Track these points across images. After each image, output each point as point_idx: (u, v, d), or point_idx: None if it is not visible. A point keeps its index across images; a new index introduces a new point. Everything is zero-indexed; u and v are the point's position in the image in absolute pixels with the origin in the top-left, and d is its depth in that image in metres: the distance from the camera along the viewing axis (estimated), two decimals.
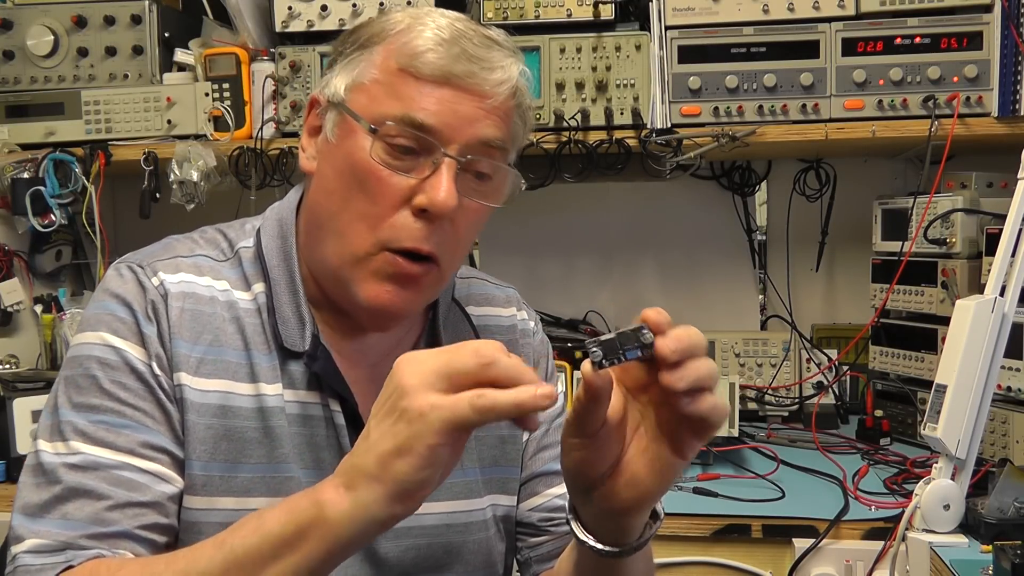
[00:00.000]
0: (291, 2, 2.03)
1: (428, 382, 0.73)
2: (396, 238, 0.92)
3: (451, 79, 0.91)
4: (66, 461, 0.89)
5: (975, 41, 1.86)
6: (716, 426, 0.77)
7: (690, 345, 0.75)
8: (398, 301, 0.94)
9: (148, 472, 0.90)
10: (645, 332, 0.74)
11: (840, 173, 2.30)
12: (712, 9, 1.95)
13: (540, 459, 1.12)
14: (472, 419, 0.71)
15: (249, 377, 0.95)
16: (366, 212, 0.93)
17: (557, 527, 1.11)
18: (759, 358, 2.19)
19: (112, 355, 0.92)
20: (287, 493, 0.93)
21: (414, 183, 0.92)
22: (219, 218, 1.14)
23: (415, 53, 0.92)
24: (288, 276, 0.99)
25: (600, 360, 0.74)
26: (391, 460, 0.73)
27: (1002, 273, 1.41)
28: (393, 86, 0.93)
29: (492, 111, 0.93)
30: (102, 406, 0.90)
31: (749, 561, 1.56)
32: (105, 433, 0.90)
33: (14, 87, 2.14)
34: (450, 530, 1.03)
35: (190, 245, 1.01)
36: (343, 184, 0.94)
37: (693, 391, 0.75)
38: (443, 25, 0.93)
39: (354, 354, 1.02)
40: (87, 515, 0.87)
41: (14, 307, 2.14)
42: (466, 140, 0.92)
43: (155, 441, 0.91)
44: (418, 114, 0.91)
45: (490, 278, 1.18)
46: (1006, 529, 1.38)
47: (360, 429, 0.98)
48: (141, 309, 0.93)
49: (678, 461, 0.79)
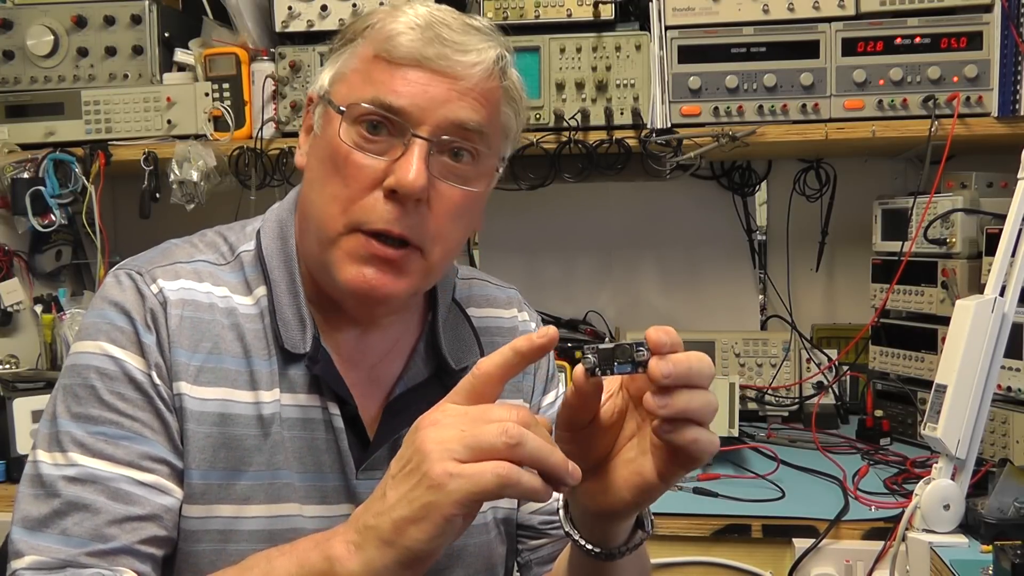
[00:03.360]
0: (291, 2, 2.03)
1: (450, 450, 0.71)
2: (367, 219, 0.91)
3: (423, 62, 0.91)
4: (65, 474, 0.88)
5: (975, 41, 1.86)
6: (699, 460, 0.76)
7: (688, 373, 0.73)
8: (379, 284, 0.92)
9: (146, 484, 0.90)
10: (641, 350, 0.74)
11: (840, 173, 2.30)
12: (712, 9, 1.95)
13: None
14: (494, 492, 0.70)
15: (248, 385, 0.95)
16: (338, 194, 0.92)
17: (557, 530, 1.10)
18: (759, 358, 2.19)
19: (111, 365, 0.91)
20: (283, 500, 0.94)
21: (385, 165, 0.91)
22: (219, 218, 1.14)
23: (388, 37, 0.92)
24: (288, 277, 0.99)
25: (592, 367, 0.74)
26: (405, 526, 0.72)
27: (1002, 273, 1.41)
28: (368, 72, 0.93)
29: (466, 93, 0.92)
30: (101, 417, 0.90)
31: (749, 561, 1.56)
32: (104, 445, 0.89)
33: (14, 87, 2.14)
34: None
35: (189, 250, 1.00)
36: (323, 171, 0.95)
37: (676, 420, 0.73)
38: (420, 12, 0.93)
39: (354, 354, 1.01)
40: (86, 531, 0.87)
41: (14, 307, 2.14)
42: (437, 121, 0.91)
43: (154, 452, 0.90)
44: (388, 96, 0.91)
45: (492, 279, 1.18)
46: (1006, 529, 1.38)
47: (359, 431, 0.98)
48: (140, 318, 0.92)
49: (656, 483, 0.79)
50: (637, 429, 0.81)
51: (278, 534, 0.93)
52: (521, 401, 1.11)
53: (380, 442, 0.99)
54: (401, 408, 1.01)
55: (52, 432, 0.91)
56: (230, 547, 0.92)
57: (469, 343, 1.07)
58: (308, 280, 1.00)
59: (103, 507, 0.87)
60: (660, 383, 0.73)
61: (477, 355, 1.06)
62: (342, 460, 0.97)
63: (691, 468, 0.78)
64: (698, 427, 0.74)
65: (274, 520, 0.94)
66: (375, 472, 0.98)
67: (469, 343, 1.07)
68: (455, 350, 1.05)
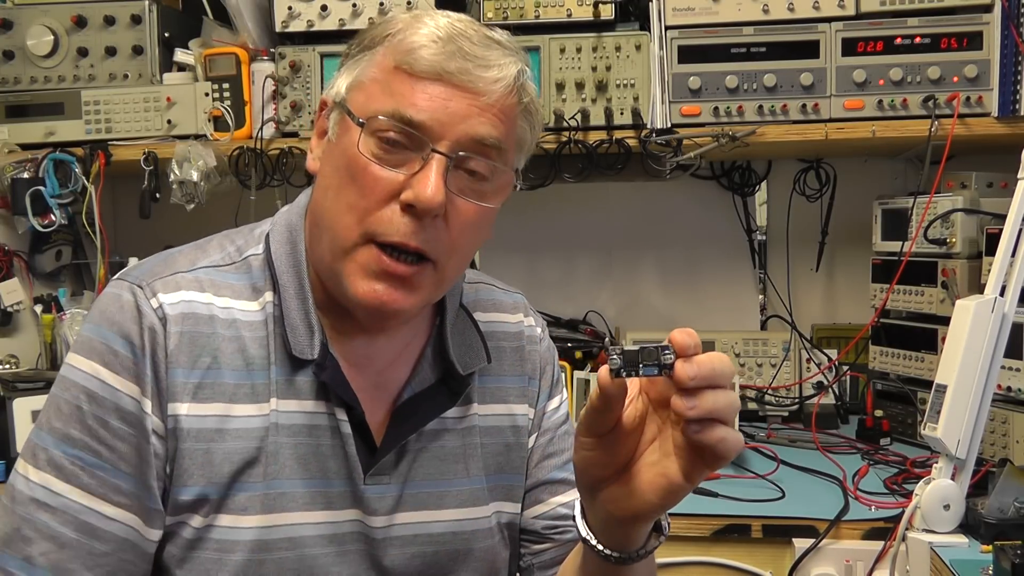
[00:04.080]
0: (291, 2, 2.03)
1: None
2: (383, 231, 0.91)
3: (444, 76, 0.90)
4: (35, 496, 0.90)
5: (975, 41, 1.86)
6: (726, 458, 0.76)
7: (712, 374, 0.74)
8: (389, 300, 0.92)
9: (113, 519, 0.90)
10: (667, 353, 0.74)
11: (840, 173, 2.30)
12: (712, 9, 1.95)
13: (545, 467, 1.12)
14: None
15: (248, 398, 0.94)
16: (354, 204, 0.92)
17: (560, 535, 1.10)
18: (759, 358, 2.19)
19: (101, 391, 0.91)
20: (278, 510, 0.94)
21: (403, 178, 0.90)
22: (219, 218, 1.13)
23: (410, 50, 0.91)
24: (297, 282, 0.98)
25: (618, 369, 0.75)
26: None
27: (1002, 273, 1.41)
28: (388, 83, 0.92)
29: (486, 109, 0.92)
30: (80, 440, 0.90)
31: (749, 561, 1.56)
32: (79, 471, 0.90)
33: (14, 87, 2.14)
34: (456, 538, 1.03)
35: (192, 255, 0.99)
36: (338, 179, 0.94)
37: (703, 420, 0.74)
38: (441, 24, 0.92)
39: (361, 360, 1.01)
40: (51, 562, 0.88)
41: (14, 307, 2.14)
42: (457, 137, 0.91)
43: (125, 486, 0.91)
44: (408, 110, 0.90)
45: (498, 283, 1.17)
46: (1006, 529, 1.38)
47: (366, 437, 0.98)
48: (139, 341, 0.91)
49: (683, 484, 0.79)
50: (658, 432, 0.81)
51: (273, 544, 0.94)
52: (527, 407, 1.11)
53: (387, 447, 0.99)
54: (408, 413, 1.01)
55: (34, 444, 0.92)
56: (226, 556, 0.93)
57: (476, 348, 1.07)
58: (317, 286, 0.99)
59: (69, 541, 0.89)
60: (686, 385, 0.74)
61: (484, 360, 1.06)
62: (349, 466, 0.97)
63: (717, 467, 0.78)
64: (724, 426, 0.75)
65: (268, 530, 0.94)
66: (382, 477, 0.99)
67: (476, 348, 1.07)
68: (462, 355, 1.04)
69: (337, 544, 0.97)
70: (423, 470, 1.02)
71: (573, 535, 1.07)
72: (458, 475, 1.04)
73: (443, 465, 1.03)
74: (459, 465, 1.04)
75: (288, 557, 0.94)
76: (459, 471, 1.04)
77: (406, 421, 1.01)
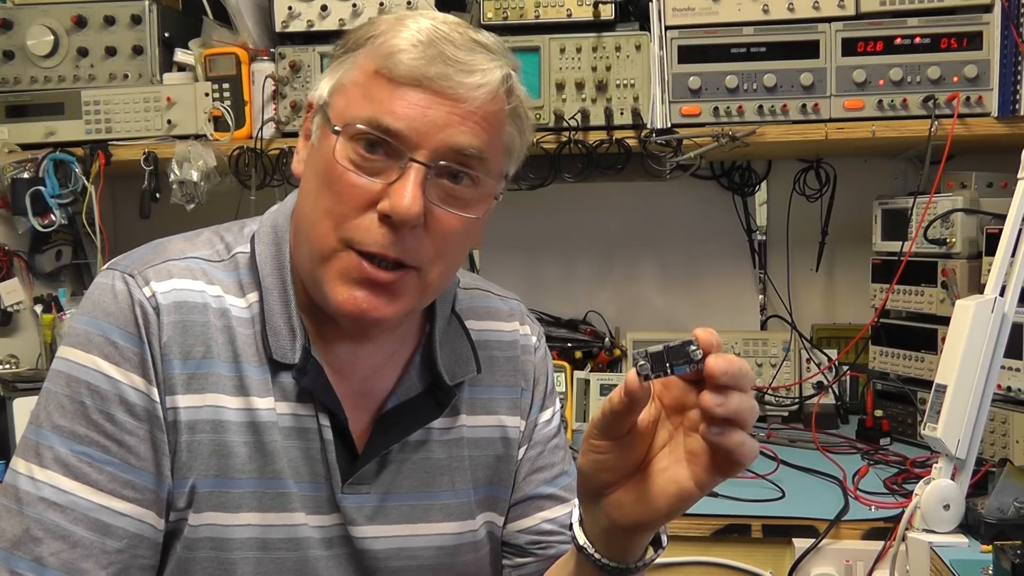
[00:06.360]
0: (291, 2, 2.03)
1: None
2: (361, 240, 0.88)
3: (423, 81, 0.87)
4: (43, 495, 0.87)
5: (975, 41, 1.86)
6: (741, 464, 0.75)
7: (740, 372, 0.73)
8: (369, 308, 0.89)
9: (126, 515, 0.89)
10: (695, 349, 0.73)
11: (840, 173, 2.30)
12: (712, 9, 1.95)
13: (533, 481, 1.09)
14: None
15: (238, 390, 0.93)
16: (331, 210, 0.89)
17: (544, 550, 1.08)
18: (759, 358, 2.19)
19: (105, 384, 0.89)
20: (278, 510, 0.93)
21: (380, 187, 0.88)
22: (219, 218, 1.13)
23: (390, 54, 0.88)
24: (281, 285, 0.96)
25: (647, 373, 0.73)
26: None
27: (1002, 273, 1.41)
28: (367, 88, 0.89)
29: (467, 116, 0.88)
30: (87, 437, 0.88)
31: (749, 561, 1.56)
32: (88, 468, 0.88)
33: (14, 87, 2.14)
34: (440, 552, 1.01)
35: (182, 246, 0.98)
36: (316, 184, 0.91)
37: (725, 423, 0.73)
38: (424, 27, 0.89)
39: (345, 366, 0.98)
40: (62, 563, 0.86)
41: (14, 307, 2.14)
42: (435, 146, 0.87)
43: (137, 480, 0.89)
44: (385, 118, 0.87)
45: (495, 289, 1.14)
46: (1006, 529, 1.38)
47: (348, 444, 0.96)
48: (134, 331, 0.90)
49: (694, 491, 0.78)
50: (669, 438, 0.80)
51: (272, 543, 0.93)
52: (518, 419, 1.09)
53: (368, 456, 0.97)
54: (392, 422, 0.99)
55: (35, 442, 0.89)
56: (223, 555, 0.92)
57: (466, 358, 1.04)
58: (301, 289, 0.97)
59: (80, 539, 0.87)
60: (719, 380, 0.72)
61: (473, 370, 1.04)
62: (329, 472, 0.95)
63: (730, 475, 0.76)
64: (743, 431, 0.74)
65: (268, 529, 0.93)
66: (361, 487, 0.97)
67: (466, 358, 1.04)
68: (451, 365, 1.02)
69: (328, 547, 0.96)
70: (407, 482, 1.00)
71: (556, 551, 1.06)
72: (443, 488, 1.02)
73: (428, 477, 1.01)
74: (444, 477, 1.02)
75: (288, 558, 0.94)
76: (444, 483, 1.02)
77: (389, 430, 0.98)
